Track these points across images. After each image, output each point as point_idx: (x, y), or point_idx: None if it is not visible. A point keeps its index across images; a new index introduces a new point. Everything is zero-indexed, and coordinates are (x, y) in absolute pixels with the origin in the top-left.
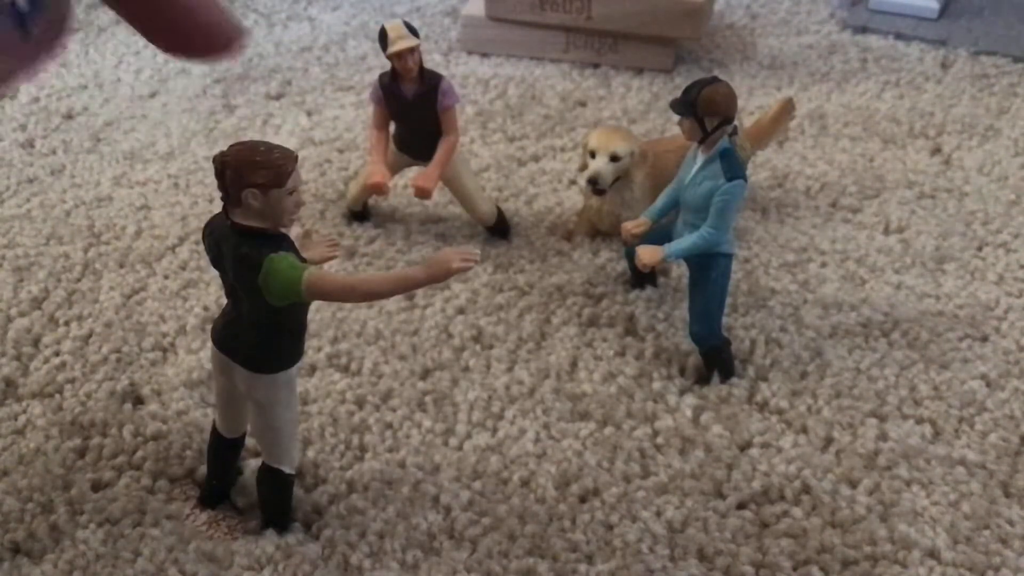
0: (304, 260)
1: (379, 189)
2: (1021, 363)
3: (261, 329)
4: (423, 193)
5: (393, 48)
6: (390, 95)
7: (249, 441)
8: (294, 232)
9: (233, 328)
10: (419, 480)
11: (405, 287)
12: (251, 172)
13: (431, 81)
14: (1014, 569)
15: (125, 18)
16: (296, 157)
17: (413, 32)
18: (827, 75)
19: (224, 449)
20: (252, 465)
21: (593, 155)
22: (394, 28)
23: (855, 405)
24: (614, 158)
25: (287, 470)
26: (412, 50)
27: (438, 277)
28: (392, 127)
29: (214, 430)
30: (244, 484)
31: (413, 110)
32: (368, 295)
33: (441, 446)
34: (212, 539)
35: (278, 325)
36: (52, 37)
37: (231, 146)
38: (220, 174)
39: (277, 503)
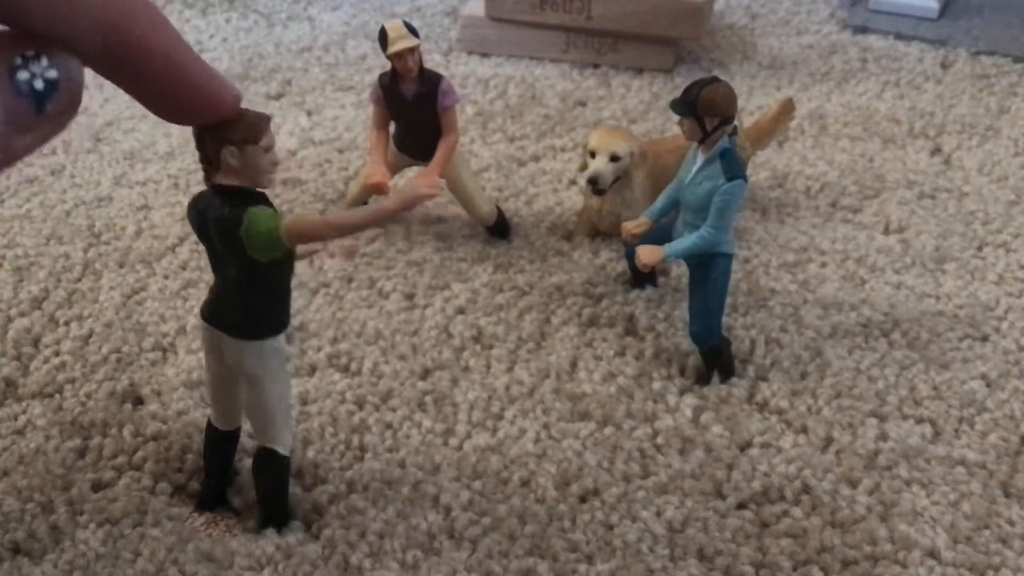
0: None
1: (379, 189)
2: (1021, 363)
3: (246, 293)
4: None
5: (393, 48)
6: (390, 95)
7: (245, 442)
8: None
9: (220, 299)
10: (419, 480)
11: (377, 219)
12: (226, 129)
13: (431, 81)
14: (1014, 569)
15: (120, 86)
16: (269, 117)
17: (413, 32)
18: (827, 75)
19: (220, 444)
20: (247, 465)
21: (593, 155)
22: (394, 28)
23: (855, 405)
24: (614, 158)
25: (282, 451)
26: (412, 50)
27: (408, 203)
28: (392, 127)
29: (209, 426)
30: (240, 484)
31: (413, 110)
32: (344, 228)
33: (441, 446)
34: (212, 539)
35: (263, 287)
36: (63, 113)
37: None
38: (199, 139)
39: (274, 490)
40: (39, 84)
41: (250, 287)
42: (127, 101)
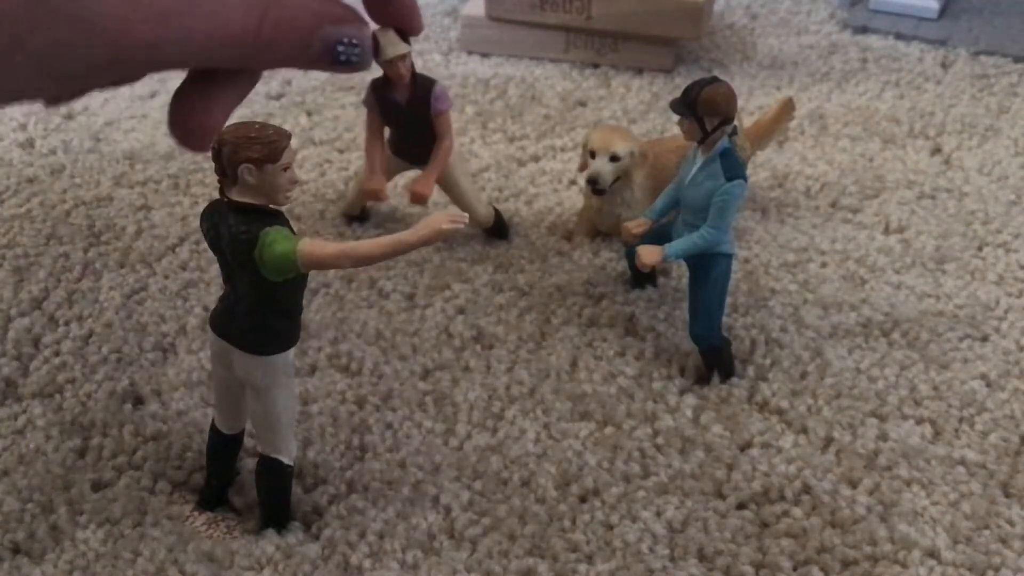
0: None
1: (377, 196)
2: (1021, 363)
3: (258, 309)
4: (419, 199)
5: (384, 56)
6: (383, 101)
7: (247, 441)
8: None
9: (231, 311)
10: (419, 480)
11: (396, 250)
12: (246, 147)
13: (424, 86)
14: (1014, 569)
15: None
16: (289, 135)
17: (405, 38)
18: (827, 75)
19: (223, 446)
20: (249, 465)
21: (593, 155)
22: (384, 34)
23: (855, 405)
24: (614, 158)
25: (286, 460)
26: (403, 57)
27: (428, 239)
28: (387, 131)
29: (213, 428)
30: (242, 484)
31: (407, 115)
32: (361, 260)
33: (441, 446)
34: (212, 539)
35: (275, 304)
36: (360, 65)
37: (227, 127)
38: (217, 153)
39: (276, 497)
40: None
41: (261, 304)
42: (127, 101)
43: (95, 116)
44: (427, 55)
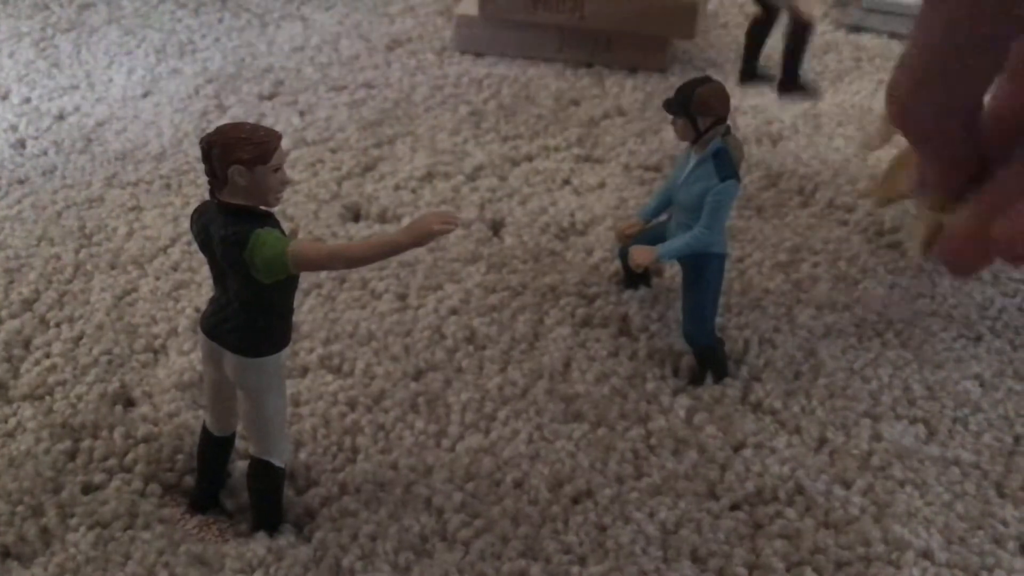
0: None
1: None
2: (1015, 363)
3: (249, 311)
4: None
5: None
6: None
7: (238, 443)
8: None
9: (221, 313)
10: (411, 482)
11: (387, 252)
12: (237, 149)
13: None
14: (1008, 570)
15: None
16: (280, 136)
17: None
18: (821, 74)
19: (214, 449)
20: (240, 467)
21: None
22: None
23: (849, 405)
24: None
25: (277, 463)
26: None
27: (419, 240)
28: None
29: (204, 430)
30: (233, 487)
31: None
32: (352, 261)
33: (434, 448)
34: (203, 542)
35: (266, 306)
36: None
37: (217, 128)
38: (207, 154)
39: (268, 499)
40: None
41: (252, 305)
42: (119, 101)
43: (87, 116)
44: (420, 54)
